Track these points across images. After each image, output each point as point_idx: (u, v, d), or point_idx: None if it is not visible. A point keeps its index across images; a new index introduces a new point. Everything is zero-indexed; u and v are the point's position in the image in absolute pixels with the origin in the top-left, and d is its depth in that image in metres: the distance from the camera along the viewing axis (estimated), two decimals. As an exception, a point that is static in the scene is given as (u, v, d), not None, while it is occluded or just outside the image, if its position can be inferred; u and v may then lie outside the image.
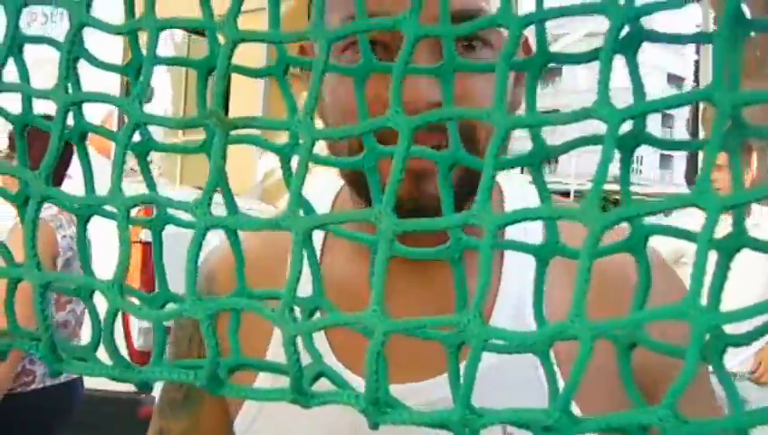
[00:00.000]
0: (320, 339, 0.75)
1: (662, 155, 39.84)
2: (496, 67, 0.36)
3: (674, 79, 38.44)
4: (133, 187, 0.46)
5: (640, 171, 39.94)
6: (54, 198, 0.41)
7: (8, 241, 0.49)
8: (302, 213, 0.38)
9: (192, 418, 0.90)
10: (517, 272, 0.76)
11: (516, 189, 0.83)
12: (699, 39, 0.36)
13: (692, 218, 2.88)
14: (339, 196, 0.86)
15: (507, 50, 0.35)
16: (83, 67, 0.44)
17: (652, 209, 0.33)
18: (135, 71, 0.44)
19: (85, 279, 0.42)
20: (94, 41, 0.48)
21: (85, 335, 2.53)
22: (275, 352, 0.77)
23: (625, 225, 0.35)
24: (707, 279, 0.32)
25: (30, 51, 0.45)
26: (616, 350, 0.36)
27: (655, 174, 39.83)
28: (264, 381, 0.75)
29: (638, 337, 0.35)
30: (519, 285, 0.76)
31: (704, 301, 0.30)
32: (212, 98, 0.39)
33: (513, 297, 0.77)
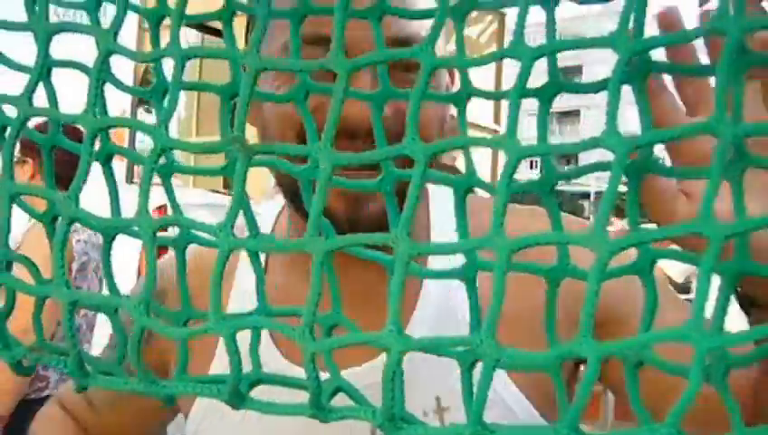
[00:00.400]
0: (266, 339, 0.76)
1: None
2: (510, 97, 0.37)
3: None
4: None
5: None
6: (83, 219, 0.43)
7: (24, 243, 0.51)
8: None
9: (116, 394, 0.93)
10: (435, 280, 0.78)
11: (443, 205, 0.85)
12: (703, 71, 0.37)
13: None
14: (281, 213, 0.89)
15: (519, 81, 0.37)
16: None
17: (657, 236, 0.34)
18: (160, 95, 0.46)
19: (112, 298, 0.43)
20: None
21: (96, 338, 2.55)
22: (219, 363, 0.80)
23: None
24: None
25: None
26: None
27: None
28: (215, 370, 0.78)
29: (644, 356, 0.36)
30: (439, 289, 0.79)
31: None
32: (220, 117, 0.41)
33: (434, 301, 0.79)
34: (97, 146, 0.45)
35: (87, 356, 0.44)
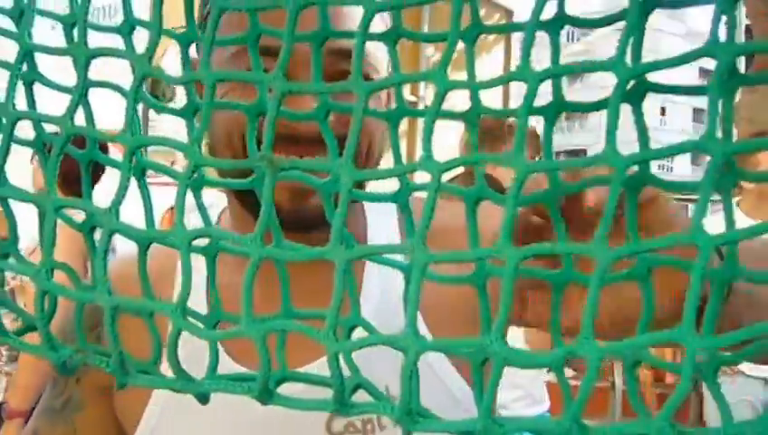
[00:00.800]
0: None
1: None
2: (517, 115, 0.40)
3: (704, 73, 38.25)
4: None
5: (671, 169, 39.78)
6: (123, 231, 0.46)
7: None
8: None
9: (68, 426, 0.93)
10: (377, 268, 0.83)
11: (379, 214, 0.94)
12: (697, 91, 0.40)
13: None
14: (224, 211, 0.95)
15: (526, 102, 0.40)
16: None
17: (654, 246, 0.37)
18: (191, 115, 0.49)
19: (149, 303, 0.47)
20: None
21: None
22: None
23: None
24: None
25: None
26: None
27: (686, 170, 39.62)
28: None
29: (642, 356, 0.39)
30: (380, 281, 0.84)
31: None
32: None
33: (376, 293, 0.86)
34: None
35: (127, 357, 0.47)
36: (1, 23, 0.54)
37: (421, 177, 0.44)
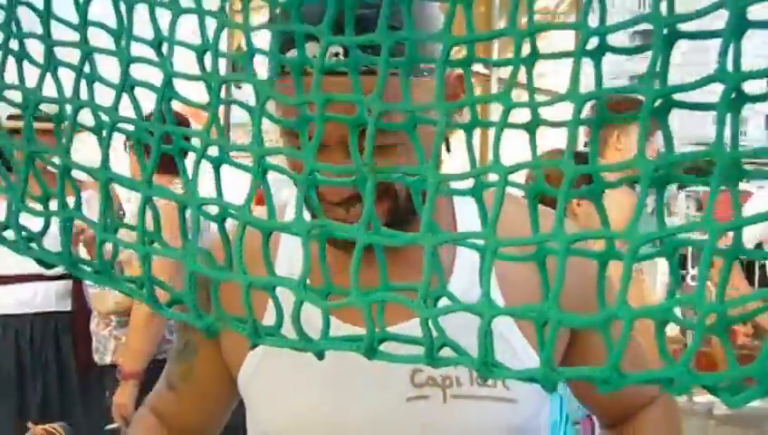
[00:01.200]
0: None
1: (768, 116, 38.78)
2: (568, 126, 0.51)
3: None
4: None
5: (745, 133, 38.81)
6: (253, 222, 0.58)
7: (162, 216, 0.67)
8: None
9: (188, 364, 1.16)
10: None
11: (465, 204, 1.05)
12: (711, 107, 0.50)
13: None
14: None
15: (574, 117, 0.50)
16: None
17: (676, 231, 0.48)
18: (305, 126, 0.61)
19: (275, 279, 0.59)
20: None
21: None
22: (269, 316, 0.95)
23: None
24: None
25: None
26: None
27: (761, 135, 38.65)
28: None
29: (669, 317, 0.50)
30: (472, 254, 0.94)
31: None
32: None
33: (468, 264, 0.98)
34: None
35: (259, 324, 0.60)
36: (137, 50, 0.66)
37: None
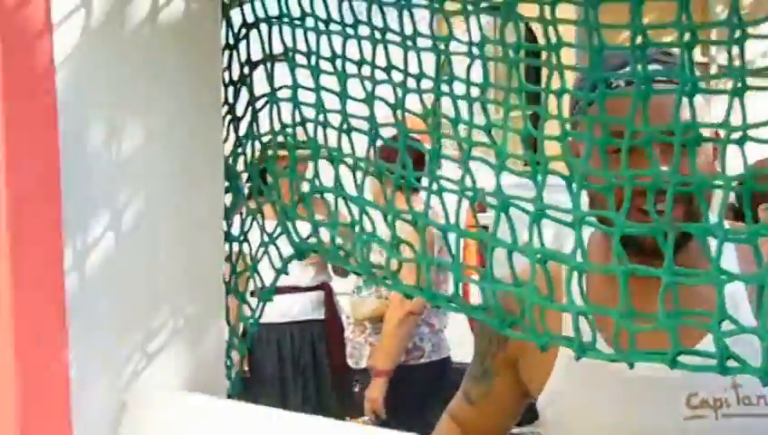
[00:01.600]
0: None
1: None
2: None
3: None
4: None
5: None
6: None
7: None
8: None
9: (487, 386, 1.33)
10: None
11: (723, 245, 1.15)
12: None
13: None
14: (593, 234, 1.20)
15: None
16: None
17: None
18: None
19: (598, 308, 0.78)
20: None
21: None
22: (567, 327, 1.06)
23: None
24: None
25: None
26: None
27: None
28: (562, 357, 1.17)
29: None
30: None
31: None
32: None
33: (728, 292, 1.07)
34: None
35: (581, 341, 0.78)
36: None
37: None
